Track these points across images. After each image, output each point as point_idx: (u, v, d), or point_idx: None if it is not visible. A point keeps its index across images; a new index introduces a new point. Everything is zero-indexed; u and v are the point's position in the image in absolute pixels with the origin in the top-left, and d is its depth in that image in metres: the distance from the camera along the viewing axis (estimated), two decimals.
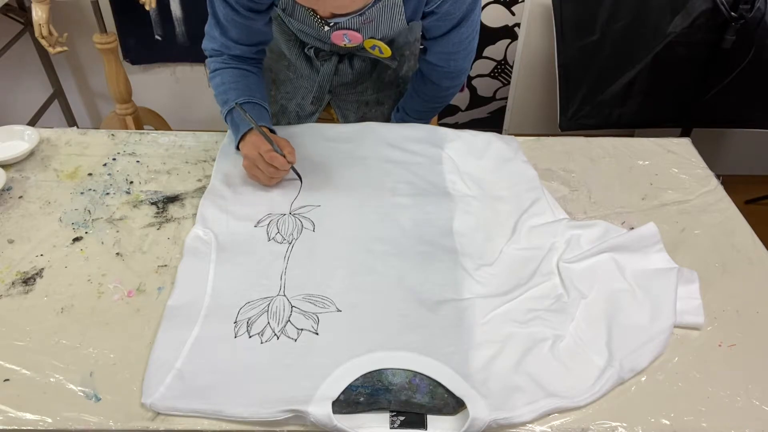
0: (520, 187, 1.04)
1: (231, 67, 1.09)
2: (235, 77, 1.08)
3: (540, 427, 0.72)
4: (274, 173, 1.00)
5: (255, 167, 1.01)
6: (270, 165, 0.99)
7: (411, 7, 1.00)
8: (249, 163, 1.02)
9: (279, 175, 1.01)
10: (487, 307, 0.84)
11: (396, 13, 1.00)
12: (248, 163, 1.02)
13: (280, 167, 0.99)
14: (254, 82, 1.10)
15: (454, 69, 1.15)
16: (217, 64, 1.09)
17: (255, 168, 1.01)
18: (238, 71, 1.09)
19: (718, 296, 0.88)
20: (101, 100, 2.43)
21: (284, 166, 0.99)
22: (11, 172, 1.08)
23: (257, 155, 1.00)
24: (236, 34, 1.05)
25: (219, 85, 1.08)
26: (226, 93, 1.07)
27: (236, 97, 1.05)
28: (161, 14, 2.14)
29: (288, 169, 1.01)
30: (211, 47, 1.08)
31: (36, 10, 1.76)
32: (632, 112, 2.03)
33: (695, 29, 1.83)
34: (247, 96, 1.06)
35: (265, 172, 1.00)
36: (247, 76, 1.09)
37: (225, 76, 1.08)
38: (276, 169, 0.99)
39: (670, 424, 0.72)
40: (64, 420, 0.71)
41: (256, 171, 1.01)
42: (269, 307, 0.83)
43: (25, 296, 0.86)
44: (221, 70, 1.08)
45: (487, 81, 2.37)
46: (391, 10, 1.00)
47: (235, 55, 1.08)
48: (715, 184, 1.10)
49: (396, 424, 0.71)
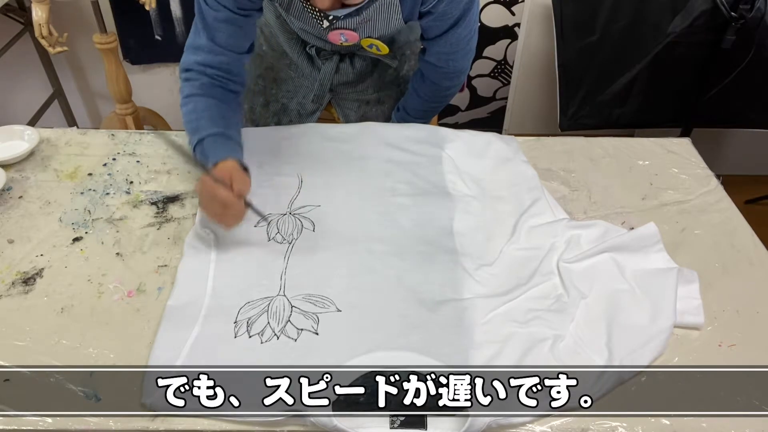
0: (520, 187, 1.04)
1: (207, 95, 0.99)
2: (210, 106, 0.98)
3: (540, 427, 0.72)
4: (224, 213, 0.86)
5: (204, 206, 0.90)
6: (216, 203, 0.85)
7: (408, 7, 1.00)
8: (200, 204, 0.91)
9: (230, 214, 0.87)
10: (487, 307, 0.84)
11: (392, 12, 1.00)
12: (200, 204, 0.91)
13: (228, 205, 0.85)
14: (229, 111, 1.00)
15: (453, 69, 1.15)
16: (192, 89, 0.99)
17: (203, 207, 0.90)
18: (214, 101, 0.99)
19: (718, 296, 0.88)
20: (101, 100, 2.43)
21: (232, 204, 0.85)
22: (11, 172, 1.08)
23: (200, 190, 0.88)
24: (225, 38, 0.98)
25: (191, 113, 0.98)
26: (197, 122, 0.97)
27: (208, 127, 0.95)
28: (161, 14, 2.14)
29: (241, 206, 0.87)
30: (194, 60, 0.99)
31: (36, 10, 1.76)
32: (632, 112, 2.03)
33: (695, 29, 1.83)
34: (221, 127, 0.96)
35: (213, 212, 0.87)
36: (220, 106, 0.99)
37: (199, 104, 0.98)
38: (225, 208, 0.85)
39: (670, 424, 0.72)
40: (64, 420, 0.71)
41: (207, 212, 0.89)
42: (269, 307, 0.83)
43: (25, 296, 0.86)
44: (196, 96, 0.99)
45: (487, 81, 2.37)
46: (387, 10, 1.00)
47: (217, 75, 0.99)
48: (715, 184, 1.10)
49: (396, 424, 0.71)
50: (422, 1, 1.00)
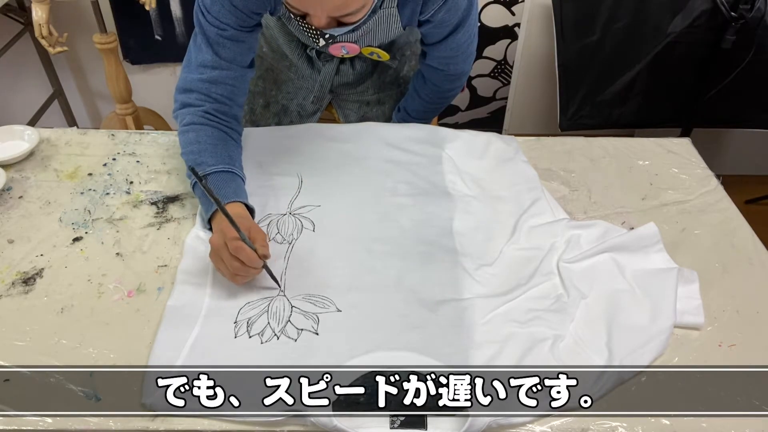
0: (520, 187, 1.04)
1: (210, 125, 0.95)
2: (214, 139, 0.94)
3: (540, 427, 0.72)
4: (240, 270, 0.81)
5: (219, 259, 0.83)
6: (235, 258, 0.80)
7: (406, 16, 1.00)
8: (213, 253, 0.84)
9: (247, 273, 0.82)
10: (487, 307, 0.84)
11: (392, 22, 1.01)
12: (213, 252, 0.84)
13: (247, 263, 0.80)
14: (233, 147, 0.98)
15: (454, 72, 1.15)
16: (193, 117, 0.95)
17: (219, 260, 0.83)
18: (218, 132, 0.95)
19: (718, 296, 0.88)
20: (101, 100, 2.43)
21: (253, 262, 0.80)
22: (11, 172, 1.08)
23: (222, 244, 0.82)
24: (229, 53, 0.96)
25: (192, 143, 0.94)
26: (200, 154, 0.93)
27: (213, 162, 0.92)
28: (161, 14, 2.14)
29: (259, 267, 0.83)
30: (197, 78, 0.96)
31: (36, 10, 1.76)
32: (632, 112, 2.03)
33: (695, 29, 1.83)
34: (227, 164, 0.93)
35: (229, 267, 0.81)
36: (226, 140, 0.96)
37: (201, 135, 0.94)
38: (242, 265, 0.80)
39: (670, 424, 0.72)
40: (64, 420, 0.71)
41: (220, 264, 0.83)
42: (269, 307, 0.83)
43: (25, 296, 0.86)
44: (198, 125, 0.95)
45: (487, 81, 2.37)
46: (387, 21, 1.00)
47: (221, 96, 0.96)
48: (715, 184, 1.10)
49: (396, 424, 0.71)
50: (421, 10, 1.00)
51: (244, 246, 0.80)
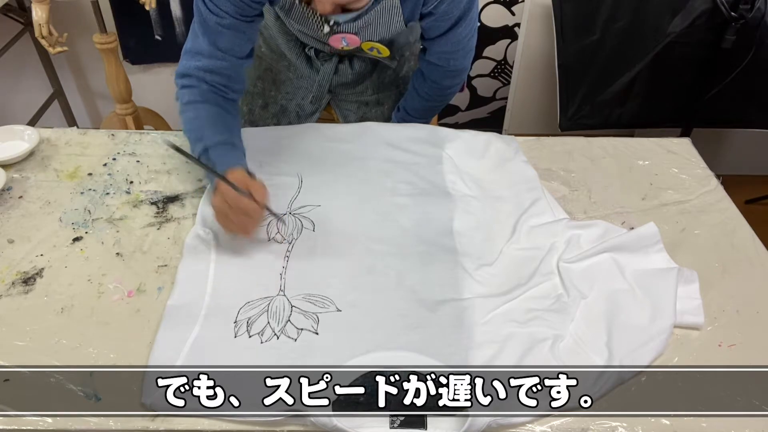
0: (520, 187, 1.04)
1: (208, 102, 0.98)
2: (212, 114, 0.98)
3: (540, 427, 0.72)
4: (247, 221, 0.88)
5: (226, 219, 0.88)
6: (239, 211, 0.86)
7: (408, 9, 1.01)
8: (220, 216, 0.89)
9: (252, 222, 0.89)
10: (487, 307, 0.84)
11: (394, 15, 1.01)
12: (219, 216, 0.89)
13: (251, 213, 0.87)
14: (231, 119, 1.01)
15: (454, 68, 1.15)
16: (192, 96, 0.98)
17: (227, 220, 0.88)
18: (215, 108, 0.98)
19: (718, 296, 0.88)
20: (101, 100, 2.43)
21: (256, 212, 0.87)
22: (11, 172, 1.08)
23: (223, 202, 0.87)
24: (227, 43, 0.97)
25: (192, 120, 0.98)
26: (200, 130, 0.96)
27: (212, 135, 0.95)
28: (161, 14, 2.14)
29: (263, 214, 0.89)
30: (193, 65, 0.98)
31: (36, 10, 1.76)
32: (632, 112, 2.03)
33: (695, 29, 1.83)
34: (226, 136, 0.96)
35: (236, 221, 0.87)
36: (223, 115, 0.99)
37: (200, 111, 0.97)
38: (248, 216, 0.87)
39: (670, 424, 0.72)
40: (64, 420, 0.71)
41: (227, 222, 0.89)
42: (269, 306, 0.83)
43: (25, 296, 0.86)
44: (197, 103, 0.98)
45: (487, 81, 2.37)
46: (389, 13, 1.00)
47: (216, 83, 0.99)
48: (715, 184, 1.10)
49: (396, 424, 0.71)
50: (423, 3, 1.00)
51: (242, 199, 0.85)
